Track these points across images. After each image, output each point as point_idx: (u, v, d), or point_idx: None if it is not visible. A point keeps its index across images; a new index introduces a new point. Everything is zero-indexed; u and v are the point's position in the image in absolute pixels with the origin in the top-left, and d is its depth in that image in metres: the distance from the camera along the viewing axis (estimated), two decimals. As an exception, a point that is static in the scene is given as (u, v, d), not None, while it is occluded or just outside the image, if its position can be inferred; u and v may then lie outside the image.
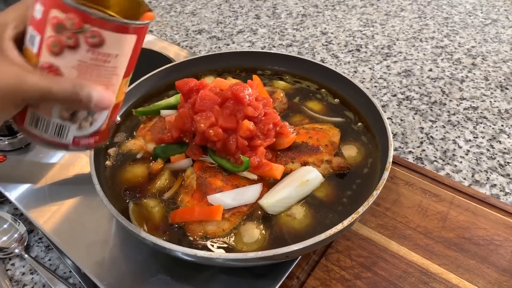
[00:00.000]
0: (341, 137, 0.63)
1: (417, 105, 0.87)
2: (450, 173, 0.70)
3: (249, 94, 0.57)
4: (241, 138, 0.55)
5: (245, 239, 0.51)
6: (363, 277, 0.54)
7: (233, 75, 0.79)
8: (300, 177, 0.55)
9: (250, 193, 0.54)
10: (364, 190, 0.56)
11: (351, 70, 0.98)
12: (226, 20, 1.22)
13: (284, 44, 1.09)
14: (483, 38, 1.10)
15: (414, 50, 1.06)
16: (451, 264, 0.55)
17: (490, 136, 0.78)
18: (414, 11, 1.25)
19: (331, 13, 1.25)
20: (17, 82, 0.32)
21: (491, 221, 0.61)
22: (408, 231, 0.60)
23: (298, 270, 0.55)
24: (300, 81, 0.76)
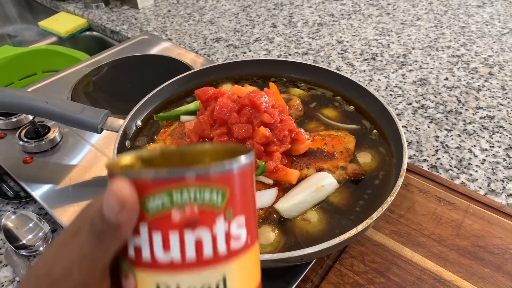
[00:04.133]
0: (356, 144, 0.64)
1: (432, 113, 0.87)
2: (466, 182, 0.71)
3: (265, 101, 0.59)
4: (257, 144, 0.57)
5: (261, 241, 0.52)
6: (376, 283, 0.55)
7: (250, 82, 0.81)
8: (316, 183, 0.56)
9: (266, 197, 0.55)
10: (378, 197, 0.57)
11: (366, 79, 0.99)
12: (243, 28, 1.25)
13: (300, 53, 1.11)
14: (500, 48, 1.10)
15: (430, 59, 1.06)
16: (465, 272, 0.56)
17: (507, 145, 0.78)
18: (430, 20, 1.26)
19: (347, 22, 1.27)
20: None
21: (506, 230, 0.61)
22: (422, 238, 0.60)
23: (312, 274, 0.56)
24: (315, 88, 0.78)
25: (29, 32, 1.54)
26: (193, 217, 0.23)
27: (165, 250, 0.23)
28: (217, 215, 0.23)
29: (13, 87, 1.16)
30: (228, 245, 0.24)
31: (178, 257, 0.23)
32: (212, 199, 0.23)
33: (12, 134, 0.80)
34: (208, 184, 0.23)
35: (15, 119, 0.82)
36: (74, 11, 1.39)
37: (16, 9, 1.57)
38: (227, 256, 0.24)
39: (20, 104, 0.66)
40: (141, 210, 0.23)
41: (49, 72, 1.19)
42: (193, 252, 0.23)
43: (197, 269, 0.23)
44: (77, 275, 0.23)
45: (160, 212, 0.23)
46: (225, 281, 0.24)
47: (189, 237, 0.23)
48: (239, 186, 0.24)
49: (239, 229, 0.24)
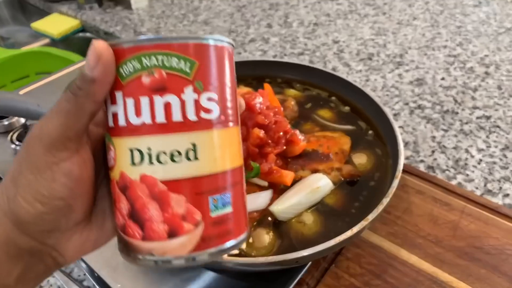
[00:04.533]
0: (351, 145, 0.64)
1: (429, 114, 0.87)
2: (462, 182, 0.70)
3: (260, 102, 0.59)
4: (251, 146, 0.57)
5: (255, 244, 0.51)
6: (373, 285, 0.54)
7: (245, 83, 0.80)
8: (311, 184, 0.55)
9: (260, 199, 0.55)
10: (374, 198, 0.56)
11: (362, 79, 0.99)
12: (238, 29, 1.24)
13: (295, 53, 1.10)
14: (496, 47, 1.10)
15: (426, 59, 1.06)
16: (462, 273, 0.55)
17: (503, 145, 0.78)
18: (426, 20, 1.25)
19: (343, 22, 1.26)
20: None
21: (503, 231, 0.60)
22: (418, 240, 0.59)
23: (308, 276, 0.55)
24: (310, 89, 0.77)
25: (22, 33, 1.53)
26: (162, 81, 0.25)
27: (137, 115, 0.25)
28: (185, 83, 0.25)
29: (6, 89, 1.15)
30: (197, 114, 0.25)
31: (149, 121, 0.25)
32: (180, 66, 0.25)
33: (3, 138, 0.79)
34: (176, 52, 0.25)
35: (7, 122, 0.81)
36: (67, 12, 1.38)
37: (8, 11, 1.56)
38: (197, 125, 0.26)
39: (12, 107, 0.65)
40: (117, 78, 0.25)
41: (42, 74, 1.18)
42: (163, 116, 0.25)
43: (167, 133, 0.25)
44: (53, 130, 0.25)
45: (132, 77, 0.25)
46: (195, 148, 0.25)
47: (158, 101, 0.25)
48: (212, 63, 0.26)
49: (210, 102, 0.26)
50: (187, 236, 0.25)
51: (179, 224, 0.25)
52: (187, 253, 0.26)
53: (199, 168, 0.26)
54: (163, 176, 0.25)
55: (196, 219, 0.26)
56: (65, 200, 0.27)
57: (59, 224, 0.27)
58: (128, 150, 0.26)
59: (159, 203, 0.25)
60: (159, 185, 0.25)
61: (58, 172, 0.26)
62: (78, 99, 0.25)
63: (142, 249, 0.26)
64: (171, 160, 0.25)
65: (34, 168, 0.26)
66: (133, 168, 0.26)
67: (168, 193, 0.25)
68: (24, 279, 0.28)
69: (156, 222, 0.25)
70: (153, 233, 0.25)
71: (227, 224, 0.27)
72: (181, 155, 0.25)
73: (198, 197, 0.26)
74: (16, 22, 1.58)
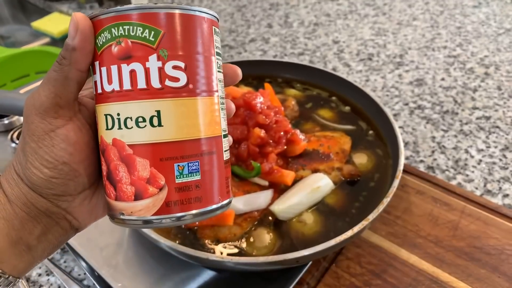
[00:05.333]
0: (352, 145, 0.64)
1: (429, 114, 0.87)
2: (462, 183, 0.70)
3: (260, 102, 0.59)
4: (252, 145, 0.57)
5: (256, 244, 0.51)
6: (373, 284, 0.54)
7: (245, 83, 0.80)
8: (311, 184, 0.55)
9: (261, 199, 0.55)
10: (375, 198, 0.56)
11: (362, 79, 0.99)
12: (239, 29, 1.24)
13: (296, 53, 1.10)
14: (496, 48, 1.10)
15: (426, 59, 1.06)
16: (462, 273, 0.55)
17: (503, 146, 0.78)
18: (426, 20, 1.26)
19: (343, 22, 1.26)
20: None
21: (502, 231, 0.60)
22: (418, 240, 0.60)
23: (308, 276, 0.55)
24: (311, 89, 0.77)
25: (22, 33, 1.52)
26: (128, 50, 0.26)
27: (109, 83, 0.27)
28: (150, 52, 0.26)
29: (6, 88, 1.14)
30: (162, 81, 0.26)
31: (118, 88, 0.27)
32: (144, 35, 0.26)
33: (4, 136, 0.79)
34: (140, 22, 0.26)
35: (7, 121, 0.81)
36: (67, 11, 1.38)
37: (8, 10, 1.55)
38: (162, 92, 0.26)
39: (12, 105, 0.65)
40: (95, 49, 0.27)
41: (42, 73, 1.18)
42: (129, 83, 0.26)
43: (132, 99, 0.26)
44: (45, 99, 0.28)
45: (105, 47, 0.27)
46: (159, 115, 0.26)
47: (125, 69, 0.26)
48: (179, 32, 0.27)
49: (175, 71, 0.27)
50: (151, 199, 0.27)
51: (144, 187, 0.26)
52: (152, 215, 0.27)
53: (163, 135, 0.26)
54: (129, 140, 0.27)
55: (160, 183, 0.27)
56: (69, 165, 0.29)
57: (68, 188, 0.30)
58: (103, 116, 0.27)
59: (127, 166, 0.27)
60: (127, 148, 0.27)
61: (56, 138, 0.28)
62: (63, 68, 0.27)
63: (116, 208, 0.28)
64: (136, 125, 0.26)
65: (35, 136, 0.28)
66: (107, 132, 0.27)
67: (134, 157, 0.27)
68: (45, 239, 0.31)
69: (125, 184, 0.27)
70: (122, 194, 0.27)
71: (195, 191, 0.28)
72: (145, 121, 0.26)
73: (162, 163, 0.27)
74: (16, 21, 1.57)
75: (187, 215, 0.27)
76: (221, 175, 0.29)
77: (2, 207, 0.29)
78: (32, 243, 0.30)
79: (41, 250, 0.31)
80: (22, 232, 0.29)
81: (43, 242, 0.31)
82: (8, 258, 0.29)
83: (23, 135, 0.29)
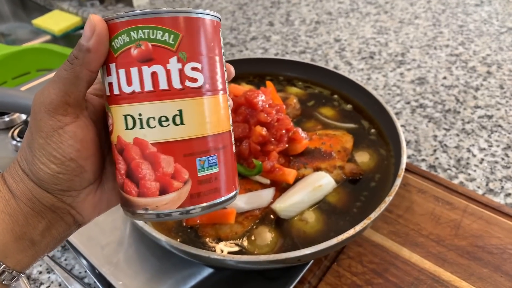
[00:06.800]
0: (354, 143, 0.64)
1: (430, 113, 0.86)
2: (464, 182, 0.70)
3: (262, 100, 0.58)
4: (253, 143, 0.56)
5: (257, 242, 0.51)
6: (374, 283, 0.54)
7: (246, 81, 0.80)
8: (313, 182, 0.55)
9: (263, 197, 0.55)
10: (377, 196, 0.56)
11: (364, 77, 0.98)
12: (240, 27, 1.24)
13: (297, 51, 1.10)
14: (498, 47, 1.09)
15: (428, 58, 1.05)
16: (464, 272, 0.55)
17: (505, 145, 0.78)
18: (428, 19, 1.25)
19: (345, 20, 1.26)
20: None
21: (505, 230, 0.60)
22: (420, 239, 0.59)
23: (309, 275, 0.55)
24: (312, 87, 0.77)
25: (23, 30, 1.52)
26: (148, 53, 0.27)
27: (128, 84, 0.28)
28: (170, 54, 0.27)
29: (7, 86, 1.14)
30: (182, 82, 0.28)
31: (139, 89, 0.28)
32: (164, 38, 0.27)
33: (4, 134, 0.79)
34: (161, 26, 0.27)
35: (8, 118, 0.81)
36: (68, 9, 1.38)
37: (9, 7, 1.55)
38: (183, 92, 0.28)
39: (13, 103, 0.65)
40: (110, 51, 0.28)
41: (43, 71, 1.17)
42: (150, 85, 0.27)
43: (154, 100, 0.28)
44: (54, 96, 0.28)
45: (123, 49, 0.27)
46: (181, 114, 0.28)
47: (146, 71, 0.27)
48: (195, 35, 0.28)
49: (194, 72, 0.28)
50: (176, 193, 0.28)
51: (169, 182, 0.28)
52: (177, 207, 0.28)
53: (186, 132, 0.28)
54: (152, 139, 0.28)
55: (184, 177, 0.28)
56: (76, 161, 0.30)
57: (74, 184, 0.30)
58: (122, 116, 0.28)
59: (151, 163, 0.28)
60: (150, 147, 0.28)
61: (64, 134, 0.29)
62: (75, 68, 0.28)
63: (138, 204, 0.29)
64: (159, 124, 0.28)
65: (43, 133, 0.29)
66: (127, 132, 0.28)
67: (158, 154, 0.28)
68: (49, 234, 0.31)
69: (149, 180, 0.28)
70: (146, 190, 0.28)
71: (214, 183, 0.30)
72: (168, 120, 0.28)
73: (186, 158, 0.28)
74: (17, 18, 1.57)
75: (210, 205, 0.30)
76: (234, 166, 0.32)
77: (7, 203, 0.30)
78: (36, 238, 0.30)
79: (45, 245, 0.31)
80: (26, 228, 0.30)
81: (46, 237, 0.31)
82: (12, 253, 0.29)
83: (30, 131, 0.30)
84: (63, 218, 0.32)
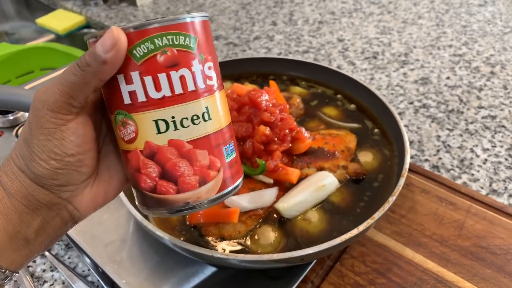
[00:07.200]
0: (357, 143, 0.64)
1: (434, 113, 0.86)
2: (467, 182, 0.70)
3: (266, 99, 0.58)
4: (257, 143, 0.56)
5: (261, 241, 0.51)
6: (377, 283, 0.54)
7: (250, 80, 0.80)
8: (316, 182, 0.55)
9: (266, 197, 0.55)
10: (380, 196, 0.56)
11: (367, 77, 0.98)
12: (243, 26, 1.24)
13: (300, 51, 1.10)
14: (502, 47, 1.09)
15: (431, 58, 1.05)
16: (467, 272, 0.55)
17: (509, 145, 0.77)
18: (432, 19, 1.25)
19: (348, 20, 1.26)
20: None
21: (508, 231, 0.60)
22: (423, 239, 0.59)
23: (312, 274, 0.55)
24: (315, 87, 0.77)
25: (27, 29, 1.53)
26: (174, 58, 0.29)
27: (157, 90, 0.29)
28: (193, 57, 0.29)
29: (11, 84, 1.15)
30: (205, 82, 0.30)
31: (169, 93, 0.29)
32: (187, 43, 0.29)
33: (9, 132, 0.79)
34: (182, 31, 0.29)
35: (12, 117, 0.81)
36: (72, 8, 1.38)
37: (13, 6, 1.56)
38: (207, 91, 0.30)
39: (17, 101, 0.65)
40: (131, 60, 0.28)
41: (47, 70, 1.18)
42: (180, 88, 0.29)
43: (185, 101, 0.29)
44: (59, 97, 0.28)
45: (147, 57, 0.28)
46: (208, 110, 0.31)
47: (174, 75, 0.29)
48: (205, 36, 0.31)
49: (210, 71, 0.31)
50: (214, 181, 0.31)
51: (206, 173, 0.31)
52: (215, 193, 0.32)
53: (213, 126, 0.31)
54: (188, 137, 0.30)
55: (217, 166, 0.31)
56: (75, 156, 0.30)
57: (72, 178, 0.31)
58: (152, 122, 0.29)
59: (188, 159, 0.30)
60: (186, 145, 0.30)
61: (66, 131, 0.29)
62: (85, 75, 0.28)
63: (178, 200, 0.30)
64: (192, 123, 0.30)
65: (45, 130, 0.29)
66: (159, 136, 0.29)
67: (194, 151, 0.30)
68: (43, 232, 0.31)
69: (188, 176, 0.30)
70: (187, 185, 0.30)
71: (236, 166, 0.34)
72: (199, 118, 0.30)
73: (216, 149, 0.31)
74: (21, 17, 1.57)
75: (238, 184, 0.34)
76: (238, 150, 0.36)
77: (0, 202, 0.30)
78: (30, 236, 0.31)
79: (39, 244, 0.32)
80: (20, 226, 0.30)
81: (41, 235, 0.31)
82: (5, 252, 0.29)
83: (30, 127, 0.29)
84: (59, 214, 0.32)
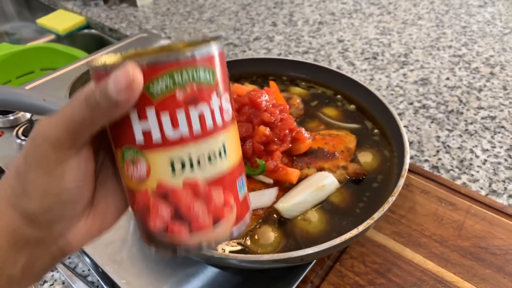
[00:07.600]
0: (357, 143, 0.64)
1: (433, 113, 0.86)
2: (467, 182, 0.70)
3: (265, 100, 0.59)
4: (257, 143, 0.57)
5: (261, 241, 0.51)
6: (377, 283, 0.54)
7: (250, 81, 0.80)
8: (316, 182, 0.55)
9: (266, 197, 0.55)
10: (380, 197, 0.56)
11: (367, 78, 0.98)
12: (243, 27, 1.24)
13: (300, 51, 1.10)
14: (502, 48, 1.09)
15: (431, 59, 1.05)
16: (467, 273, 0.55)
17: (508, 146, 0.78)
18: (431, 20, 1.25)
19: (348, 21, 1.26)
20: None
21: (508, 231, 0.60)
22: (423, 239, 0.59)
23: (312, 274, 0.55)
24: (315, 87, 0.77)
25: (27, 29, 1.53)
26: (194, 94, 0.26)
27: (174, 128, 0.26)
28: (211, 91, 0.27)
29: (11, 85, 1.15)
30: (222, 117, 0.28)
31: (187, 132, 0.27)
32: (206, 77, 0.27)
33: (9, 132, 0.79)
34: (200, 65, 0.27)
35: (13, 117, 0.81)
36: (72, 8, 1.39)
37: (14, 7, 1.56)
38: (223, 126, 0.28)
39: (18, 102, 0.65)
40: (146, 96, 0.26)
41: (47, 70, 1.18)
42: (198, 125, 0.27)
43: (203, 139, 0.27)
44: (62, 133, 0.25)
45: (165, 93, 0.26)
46: (224, 147, 0.28)
47: (193, 112, 0.26)
48: (221, 67, 0.28)
49: (227, 103, 0.29)
50: (227, 219, 0.29)
51: (221, 212, 0.28)
52: (228, 231, 0.29)
53: (229, 162, 0.29)
54: (204, 176, 0.28)
55: (231, 203, 0.29)
56: (72, 191, 0.28)
57: (66, 213, 0.28)
58: (167, 161, 0.27)
59: (203, 200, 0.28)
60: (202, 185, 0.28)
61: (68, 168, 0.27)
62: (94, 113, 0.25)
63: (191, 241, 0.28)
64: (208, 161, 0.28)
65: (44, 165, 0.26)
66: (174, 175, 0.27)
67: (210, 189, 0.28)
68: (30, 270, 0.29)
69: (203, 216, 0.28)
70: (200, 226, 0.28)
71: (246, 200, 0.32)
72: (215, 156, 0.28)
73: (230, 186, 0.29)
74: (21, 18, 1.58)
75: (247, 219, 0.32)
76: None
77: None
78: (15, 275, 0.28)
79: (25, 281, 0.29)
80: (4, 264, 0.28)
81: (27, 274, 0.29)
82: None
83: (26, 162, 0.27)
84: (48, 250, 0.29)
